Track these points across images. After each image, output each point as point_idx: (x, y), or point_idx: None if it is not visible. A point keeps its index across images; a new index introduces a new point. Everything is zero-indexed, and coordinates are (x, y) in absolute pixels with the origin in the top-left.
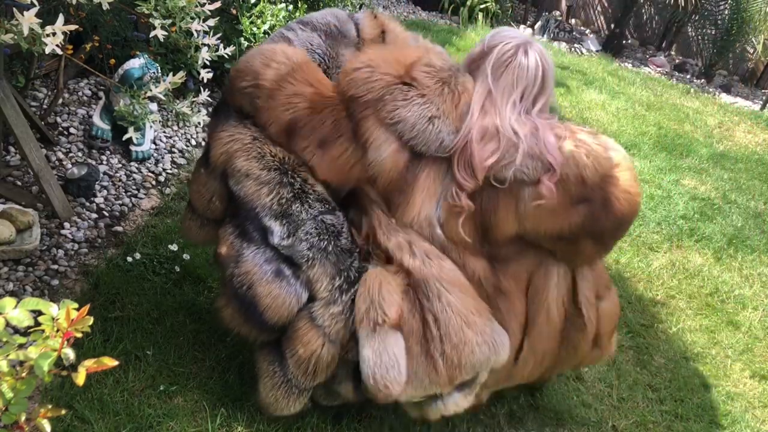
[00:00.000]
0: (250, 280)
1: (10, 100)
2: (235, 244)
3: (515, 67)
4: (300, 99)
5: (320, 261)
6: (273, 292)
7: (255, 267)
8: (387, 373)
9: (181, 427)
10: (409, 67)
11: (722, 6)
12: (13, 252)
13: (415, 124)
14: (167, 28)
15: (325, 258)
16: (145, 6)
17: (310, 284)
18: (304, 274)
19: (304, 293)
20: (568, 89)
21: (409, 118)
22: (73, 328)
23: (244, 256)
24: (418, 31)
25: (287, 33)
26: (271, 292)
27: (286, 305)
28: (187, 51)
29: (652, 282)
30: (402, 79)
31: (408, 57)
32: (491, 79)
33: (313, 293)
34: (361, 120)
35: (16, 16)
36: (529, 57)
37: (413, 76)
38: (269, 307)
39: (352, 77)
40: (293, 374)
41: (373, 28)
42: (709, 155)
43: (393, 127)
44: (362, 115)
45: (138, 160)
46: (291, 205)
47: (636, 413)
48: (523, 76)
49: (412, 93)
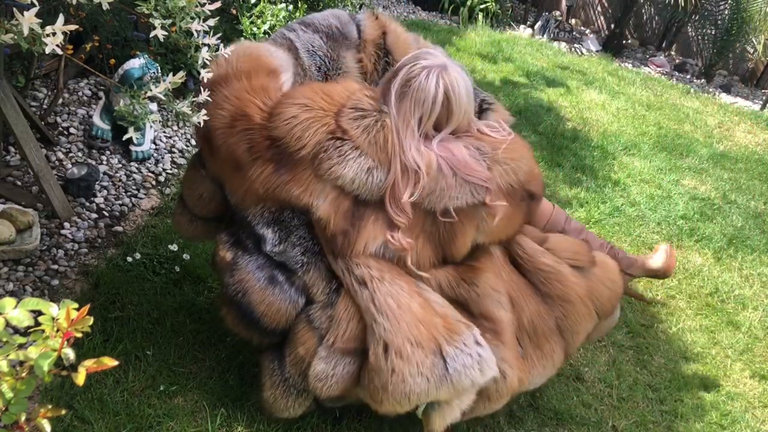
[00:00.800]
0: (243, 288)
1: (10, 100)
2: (230, 253)
3: (414, 90)
4: (223, 108)
5: (315, 265)
6: (267, 300)
7: (248, 274)
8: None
9: (181, 427)
10: (338, 114)
11: (722, 6)
12: (13, 252)
13: (354, 179)
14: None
15: (320, 261)
16: (145, 6)
17: (307, 289)
18: (299, 280)
19: (301, 298)
20: (568, 89)
21: (347, 174)
22: (73, 328)
23: (239, 265)
24: (418, 31)
25: (289, 34)
26: (264, 299)
27: (282, 312)
28: (187, 51)
29: (652, 282)
30: (334, 134)
31: (336, 98)
32: (394, 103)
33: (311, 297)
34: (297, 169)
35: (16, 16)
36: (429, 80)
37: (343, 128)
38: (265, 314)
39: (283, 128)
40: (290, 373)
41: (374, 29)
42: (709, 155)
43: (332, 182)
44: (297, 169)
45: (138, 160)
46: (282, 212)
47: (636, 413)
48: (420, 100)
49: (345, 147)
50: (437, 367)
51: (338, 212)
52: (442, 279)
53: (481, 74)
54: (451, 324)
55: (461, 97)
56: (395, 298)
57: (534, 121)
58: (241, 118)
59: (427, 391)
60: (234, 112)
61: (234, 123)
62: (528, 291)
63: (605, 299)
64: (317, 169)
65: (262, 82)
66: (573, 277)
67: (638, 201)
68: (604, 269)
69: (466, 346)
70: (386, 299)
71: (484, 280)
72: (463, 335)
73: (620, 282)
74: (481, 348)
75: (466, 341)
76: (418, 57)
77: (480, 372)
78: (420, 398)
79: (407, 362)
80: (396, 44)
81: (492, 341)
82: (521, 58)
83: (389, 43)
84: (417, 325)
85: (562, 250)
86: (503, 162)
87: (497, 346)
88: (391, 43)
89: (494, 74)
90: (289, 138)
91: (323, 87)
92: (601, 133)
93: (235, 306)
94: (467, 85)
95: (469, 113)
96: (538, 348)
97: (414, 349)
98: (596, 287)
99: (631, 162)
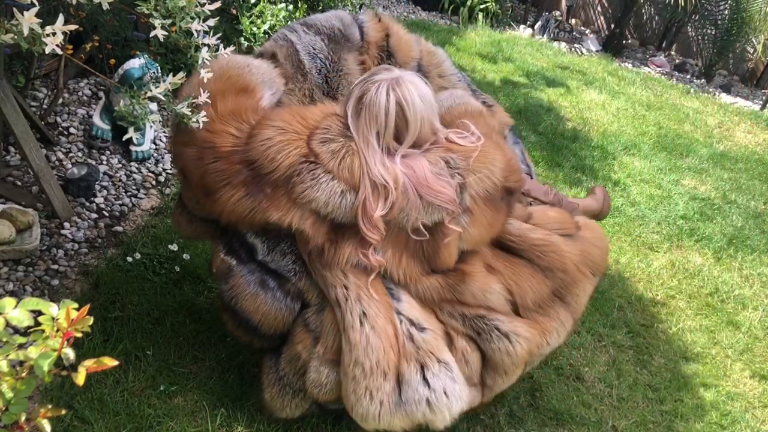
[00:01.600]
0: (236, 294)
1: (10, 100)
2: (225, 261)
3: (367, 106)
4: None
5: (306, 272)
6: (261, 309)
7: (242, 282)
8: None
9: (181, 427)
10: (310, 138)
11: (722, 6)
12: (13, 252)
13: (327, 202)
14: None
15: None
16: (145, 6)
17: (302, 294)
18: (294, 287)
19: (296, 304)
20: (568, 89)
21: (321, 197)
22: (73, 328)
23: (233, 272)
24: (418, 31)
25: (290, 35)
26: (258, 307)
27: (279, 319)
28: (187, 51)
29: (652, 282)
30: (307, 157)
31: (311, 121)
32: (351, 122)
33: (306, 301)
34: (275, 194)
35: (16, 16)
36: (380, 93)
37: (315, 151)
38: (262, 322)
39: (257, 149)
40: (284, 372)
41: (378, 31)
42: (709, 155)
43: (307, 206)
44: (275, 193)
45: (138, 160)
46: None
47: (636, 413)
48: (374, 115)
49: (318, 171)
50: (395, 393)
51: (318, 233)
52: (432, 287)
53: (481, 74)
54: (416, 355)
55: (416, 106)
56: (370, 320)
57: (534, 121)
58: (208, 151)
59: (382, 416)
60: (201, 145)
61: (201, 155)
62: (526, 270)
63: (598, 258)
64: (291, 193)
65: (230, 106)
66: (565, 246)
67: (638, 201)
68: (590, 230)
69: (422, 380)
70: (355, 324)
71: (473, 283)
72: (428, 369)
73: (604, 237)
74: (428, 387)
75: (427, 374)
76: (372, 72)
77: (429, 409)
78: (378, 422)
79: (368, 385)
80: (399, 46)
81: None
82: (521, 58)
83: (392, 46)
84: (387, 351)
85: (548, 222)
86: (477, 170)
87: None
88: (394, 46)
89: (494, 74)
90: (263, 160)
91: (300, 110)
92: (601, 133)
93: (230, 312)
94: (423, 94)
95: (430, 122)
96: (546, 315)
97: (376, 374)
98: (587, 249)
99: (631, 162)
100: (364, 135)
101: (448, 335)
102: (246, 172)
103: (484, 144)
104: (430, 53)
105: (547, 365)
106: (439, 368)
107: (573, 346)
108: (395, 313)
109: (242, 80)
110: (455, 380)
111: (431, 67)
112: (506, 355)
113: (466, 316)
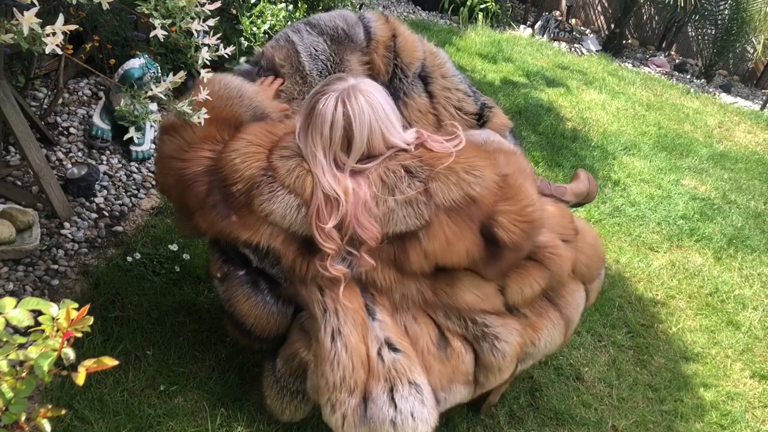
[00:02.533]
0: (230, 297)
1: (10, 100)
2: (222, 267)
3: (315, 116)
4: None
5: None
6: (253, 311)
7: (236, 287)
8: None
9: (181, 427)
10: (271, 152)
11: (722, 6)
12: (13, 252)
13: (284, 215)
14: (167, 28)
15: None
16: (145, 6)
17: (296, 297)
18: (285, 291)
19: (289, 308)
20: (568, 89)
21: (277, 210)
22: (73, 328)
23: (229, 278)
24: (418, 31)
25: (292, 35)
26: (251, 310)
27: (272, 323)
28: (187, 51)
29: (652, 282)
30: (266, 171)
31: (277, 136)
32: (301, 134)
33: (299, 305)
34: (241, 212)
35: (16, 16)
36: (327, 106)
37: (274, 165)
38: (255, 325)
39: (225, 159)
40: (281, 372)
41: (385, 31)
42: (709, 155)
43: (267, 219)
44: (241, 211)
45: (138, 160)
46: None
47: (636, 413)
48: (319, 128)
49: (276, 185)
50: (360, 409)
51: (289, 250)
52: (417, 290)
53: (481, 74)
54: (386, 376)
55: (363, 118)
56: (343, 338)
57: (534, 121)
58: (183, 179)
59: (345, 428)
60: (178, 175)
61: (178, 181)
62: (530, 270)
63: (586, 267)
64: (251, 205)
65: (206, 132)
66: (564, 252)
67: (638, 201)
68: (585, 237)
69: (389, 400)
70: (326, 340)
71: (460, 286)
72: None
73: (600, 246)
74: (395, 408)
75: (396, 396)
76: (326, 83)
77: (393, 429)
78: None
79: (330, 398)
80: (405, 47)
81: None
82: (521, 58)
83: (399, 46)
84: (357, 369)
85: (554, 226)
86: (446, 176)
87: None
88: (401, 46)
89: (494, 74)
90: (228, 170)
91: (270, 125)
92: (601, 133)
93: (227, 315)
94: (376, 103)
95: (381, 134)
96: (538, 314)
97: (339, 389)
98: (579, 257)
99: (631, 162)
100: (311, 149)
101: (444, 336)
102: (216, 193)
103: (470, 150)
104: (433, 54)
105: (547, 365)
106: (409, 390)
107: (573, 346)
108: (370, 331)
109: (231, 111)
110: (424, 403)
111: (435, 68)
112: (497, 356)
113: (460, 317)
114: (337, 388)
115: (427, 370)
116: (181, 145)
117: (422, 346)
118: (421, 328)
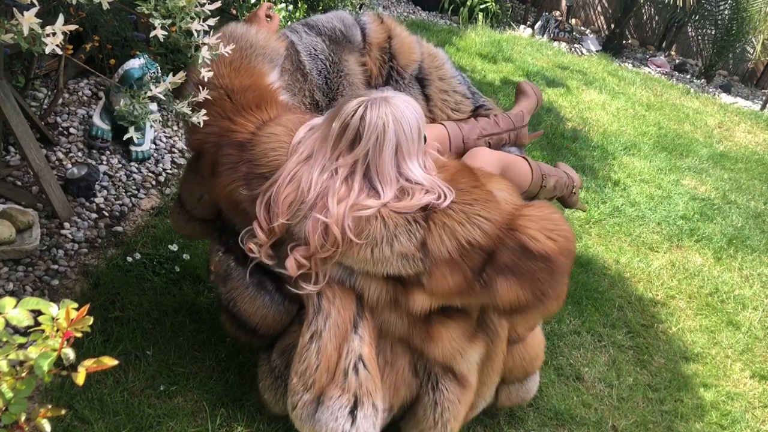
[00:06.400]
0: (234, 297)
1: (10, 100)
2: (223, 261)
3: (338, 113)
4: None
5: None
6: (260, 311)
7: (240, 284)
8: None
9: (181, 427)
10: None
11: (722, 6)
12: (13, 252)
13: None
14: (167, 28)
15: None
16: (145, 6)
17: (299, 295)
18: (289, 289)
19: (294, 306)
20: (568, 89)
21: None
22: (73, 328)
23: (231, 275)
24: (418, 31)
25: (291, 35)
26: (257, 310)
27: (278, 321)
28: (187, 51)
29: (652, 282)
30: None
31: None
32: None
33: (303, 302)
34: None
35: (16, 16)
36: (350, 104)
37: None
38: (261, 324)
39: (261, 138)
40: (275, 363)
41: (380, 33)
42: (709, 155)
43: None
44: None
45: (138, 160)
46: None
47: (636, 413)
48: (335, 121)
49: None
50: (311, 406)
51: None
52: (394, 324)
53: (481, 74)
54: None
55: (379, 124)
56: (321, 341)
57: (534, 121)
58: (225, 138)
59: (294, 415)
60: (221, 132)
61: (219, 140)
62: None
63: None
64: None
65: (251, 97)
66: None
67: (638, 201)
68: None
69: (348, 414)
70: (305, 336)
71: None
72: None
73: (538, 359)
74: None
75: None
76: (367, 92)
77: None
78: (292, 418)
79: (289, 383)
80: (401, 49)
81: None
82: (521, 58)
83: (394, 48)
84: (321, 373)
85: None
86: (441, 225)
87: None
88: (396, 48)
89: (494, 74)
90: (258, 151)
91: (304, 117)
92: (601, 133)
93: (228, 313)
94: (401, 118)
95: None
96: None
97: (297, 381)
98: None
99: (631, 162)
100: (319, 142)
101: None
102: (244, 167)
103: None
104: (431, 55)
105: (547, 365)
106: (371, 412)
107: (573, 346)
108: (349, 342)
109: (252, 63)
110: (375, 428)
111: (432, 70)
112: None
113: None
114: (297, 376)
115: (396, 392)
116: (233, 103)
117: (398, 368)
118: (398, 353)
